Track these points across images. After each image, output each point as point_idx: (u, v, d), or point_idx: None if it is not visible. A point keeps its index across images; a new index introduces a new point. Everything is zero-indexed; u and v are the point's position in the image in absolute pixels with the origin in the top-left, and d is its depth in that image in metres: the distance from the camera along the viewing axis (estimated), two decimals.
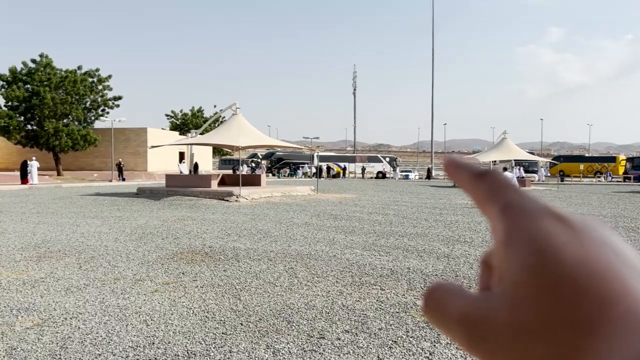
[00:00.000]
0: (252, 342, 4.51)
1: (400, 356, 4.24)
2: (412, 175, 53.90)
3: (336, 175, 50.81)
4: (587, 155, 76.89)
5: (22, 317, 5.13)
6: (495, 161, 34.25)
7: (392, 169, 56.20)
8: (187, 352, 4.25)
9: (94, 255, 8.40)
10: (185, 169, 29.16)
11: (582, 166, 55.65)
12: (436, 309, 0.28)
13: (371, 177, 53.35)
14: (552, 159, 56.88)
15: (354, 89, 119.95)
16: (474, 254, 8.87)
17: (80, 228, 11.50)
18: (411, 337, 4.67)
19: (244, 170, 38.09)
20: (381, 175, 54.06)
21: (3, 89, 37.01)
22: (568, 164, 57.93)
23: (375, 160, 58.44)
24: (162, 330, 4.76)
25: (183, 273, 7.16)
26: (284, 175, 52.41)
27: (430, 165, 58.49)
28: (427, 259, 8.39)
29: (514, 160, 36.56)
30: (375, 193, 26.31)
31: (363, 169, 54.47)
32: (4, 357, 4.08)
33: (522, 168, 41.16)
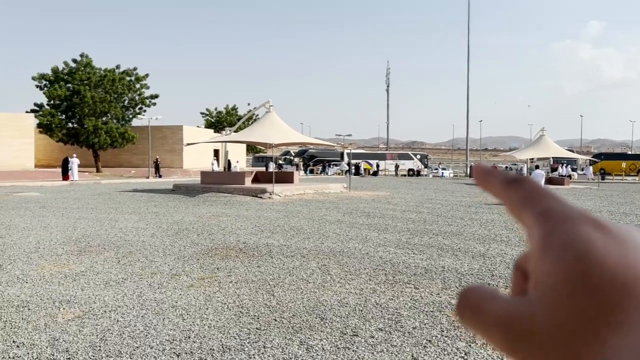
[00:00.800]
0: (285, 337, 4.53)
1: (435, 355, 4.19)
2: (446, 173, 53.20)
3: (369, 173, 50.55)
4: (629, 152, 74.36)
5: (63, 309, 5.29)
6: (532, 159, 33.49)
7: (423, 166, 55.62)
8: (222, 347, 4.30)
9: (131, 250, 8.60)
10: (217, 166, 29.64)
11: (624, 164, 53.87)
12: (472, 312, 0.28)
13: (404, 175, 52.93)
14: (592, 157, 55.24)
15: (387, 86, 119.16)
16: (510, 254, 8.70)
17: (118, 223, 11.78)
18: (446, 337, 4.61)
19: (272, 167, 38.38)
20: (415, 172, 53.56)
21: (46, 88, 38.23)
22: (609, 161, 56.17)
23: (406, 157, 57.97)
24: (197, 325, 4.83)
25: (218, 268, 7.25)
26: (317, 173, 52.47)
27: (471, 163, 57.61)
28: (463, 258, 8.27)
29: (552, 157, 35.65)
30: (409, 191, 26.09)
31: (396, 167, 54.09)
32: (47, 347, 4.22)
33: (569, 166, 40.16)
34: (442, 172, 53.85)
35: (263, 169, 36.02)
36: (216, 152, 45.17)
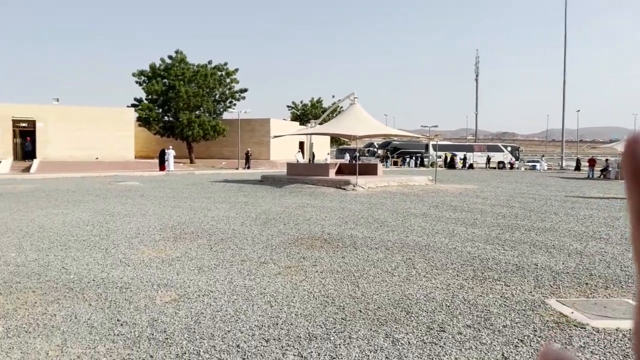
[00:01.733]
0: (371, 329, 4.53)
1: (527, 356, 4.01)
2: (539, 166, 50.51)
3: (454, 165, 49.08)
4: None
5: (161, 292, 5.63)
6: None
7: (514, 158, 53.09)
8: (309, 335, 4.39)
9: (223, 237, 8.97)
10: (301, 157, 30.13)
11: None
12: None
13: (493, 168, 50.91)
14: None
15: (476, 75, 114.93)
16: (611, 252, 8.11)
17: (210, 212, 12.33)
18: (539, 337, 4.40)
19: (346, 159, 38.31)
20: (508, 165, 51.26)
21: (144, 84, 40.66)
22: None
23: (496, 149, 55.58)
24: (285, 312, 4.95)
25: (304, 258, 7.39)
26: (399, 165, 51.77)
27: (578, 155, 54.38)
28: (557, 256, 7.83)
29: None
30: (499, 184, 25.08)
31: (488, 159, 52.08)
32: (147, 327, 4.51)
33: None
34: (536, 165, 51.16)
35: (345, 160, 36.13)
36: (301, 144, 45.91)
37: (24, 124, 34.88)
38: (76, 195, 16.34)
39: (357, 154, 37.28)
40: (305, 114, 63.49)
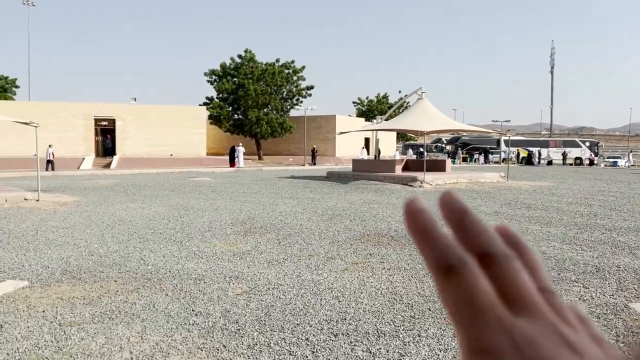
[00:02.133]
0: (440, 328, 4.46)
1: None
2: (621, 162, 47.56)
3: (532, 162, 47.03)
4: None
5: (233, 284, 5.81)
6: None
7: (592, 154, 50.22)
8: (377, 331, 4.38)
9: (290, 232, 9.12)
10: (365, 154, 30.08)
11: None
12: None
13: (570, 164, 48.48)
14: None
15: (552, 67, 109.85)
16: None
17: (278, 207, 12.56)
18: (621, 343, 4.16)
19: (410, 153, 37.66)
20: (587, 161, 48.61)
21: (215, 83, 41.99)
22: None
23: (573, 145, 52.78)
24: (352, 307, 4.97)
25: (370, 254, 7.37)
26: (469, 162, 50.38)
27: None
28: None
29: None
30: (576, 181, 23.86)
31: (564, 155, 49.62)
32: (220, 317, 4.67)
33: None
34: (617, 161, 48.23)
35: (414, 156, 35.66)
36: (367, 141, 45.77)
37: (104, 123, 36.98)
38: (152, 190, 17.14)
39: (421, 150, 36.65)
40: (370, 110, 63.22)
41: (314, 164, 38.32)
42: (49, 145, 28.55)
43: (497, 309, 0.23)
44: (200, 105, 42.41)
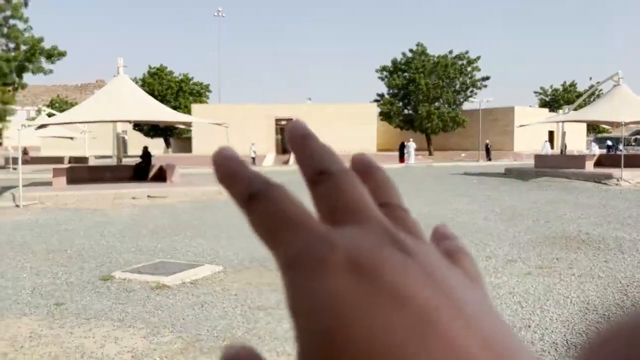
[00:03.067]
0: None
1: None
2: None
3: None
4: None
5: None
6: None
7: None
8: (567, 342, 3.97)
9: (465, 232, 8.77)
10: (548, 148, 27.64)
11: None
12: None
13: None
14: None
15: None
16: None
17: (451, 205, 12.19)
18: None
19: (594, 149, 33.31)
20: None
21: (386, 79, 42.37)
22: None
23: None
24: (537, 315, 4.59)
25: (557, 259, 6.74)
26: None
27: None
28: None
29: None
30: None
31: None
32: None
33: None
34: None
35: (594, 151, 31.80)
36: (551, 134, 42.16)
37: (283, 122, 39.74)
38: None
39: (610, 144, 32.50)
40: (555, 100, 58.17)
41: (489, 159, 36.49)
42: (252, 144, 32.30)
43: (307, 221, 0.21)
44: (371, 102, 43.20)
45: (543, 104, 58.86)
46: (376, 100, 43.28)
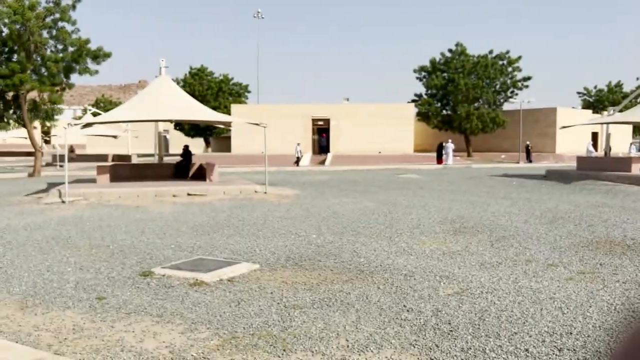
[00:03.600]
0: None
1: None
2: None
3: None
4: None
5: (444, 283, 5.69)
6: None
7: None
8: (611, 351, 3.84)
9: (504, 234, 8.60)
10: (592, 149, 26.70)
11: None
12: None
13: None
14: None
15: None
16: None
17: (490, 207, 11.96)
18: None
19: (633, 152, 31.97)
20: None
21: (424, 79, 41.87)
22: None
23: None
24: (579, 322, 4.45)
25: (600, 264, 6.53)
26: None
27: None
28: None
29: None
30: None
31: None
32: (431, 316, 4.61)
33: None
34: None
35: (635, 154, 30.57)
36: (594, 136, 40.87)
37: (320, 122, 39.81)
38: (362, 186, 17.85)
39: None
40: (600, 101, 56.37)
41: (530, 161, 35.64)
42: (297, 144, 32.87)
43: None
44: (408, 102, 42.79)
45: (587, 105, 57.10)
46: (414, 101, 42.83)
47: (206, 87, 46.32)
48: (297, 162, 32.01)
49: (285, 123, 38.81)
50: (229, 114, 38.09)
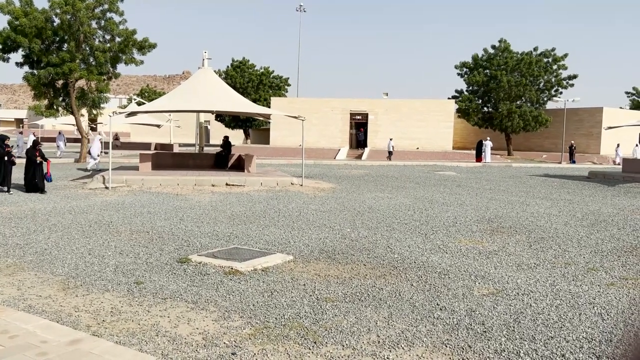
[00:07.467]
0: None
1: None
2: None
3: None
4: None
5: (479, 283, 5.60)
6: None
7: None
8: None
9: (543, 236, 8.39)
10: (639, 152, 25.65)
11: None
12: None
13: None
14: None
15: None
16: None
17: (529, 207, 11.69)
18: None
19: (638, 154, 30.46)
20: None
21: (466, 75, 41.08)
22: None
23: None
24: (620, 329, 4.31)
25: None
26: None
27: None
28: None
29: None
30: None
31: None
32: (465, 316, 4.55)
33: None
34: None
35: None
36: None
37: (358, 117, 39.64)
38: (399, 181, 17.71)
39: None
40: None
41: (573, 162, 34.56)
42: (390, 139, 33.14)
43: None
44: (449, 98, 42.09)
45: (635, 105, 54.93)
46: (454, 97, 42.10)
47: (247, 79, 46.73)
48: (390, 156, 32.25)
49: (324, 117, 38.80)
50: (269, 107, 38.33)
